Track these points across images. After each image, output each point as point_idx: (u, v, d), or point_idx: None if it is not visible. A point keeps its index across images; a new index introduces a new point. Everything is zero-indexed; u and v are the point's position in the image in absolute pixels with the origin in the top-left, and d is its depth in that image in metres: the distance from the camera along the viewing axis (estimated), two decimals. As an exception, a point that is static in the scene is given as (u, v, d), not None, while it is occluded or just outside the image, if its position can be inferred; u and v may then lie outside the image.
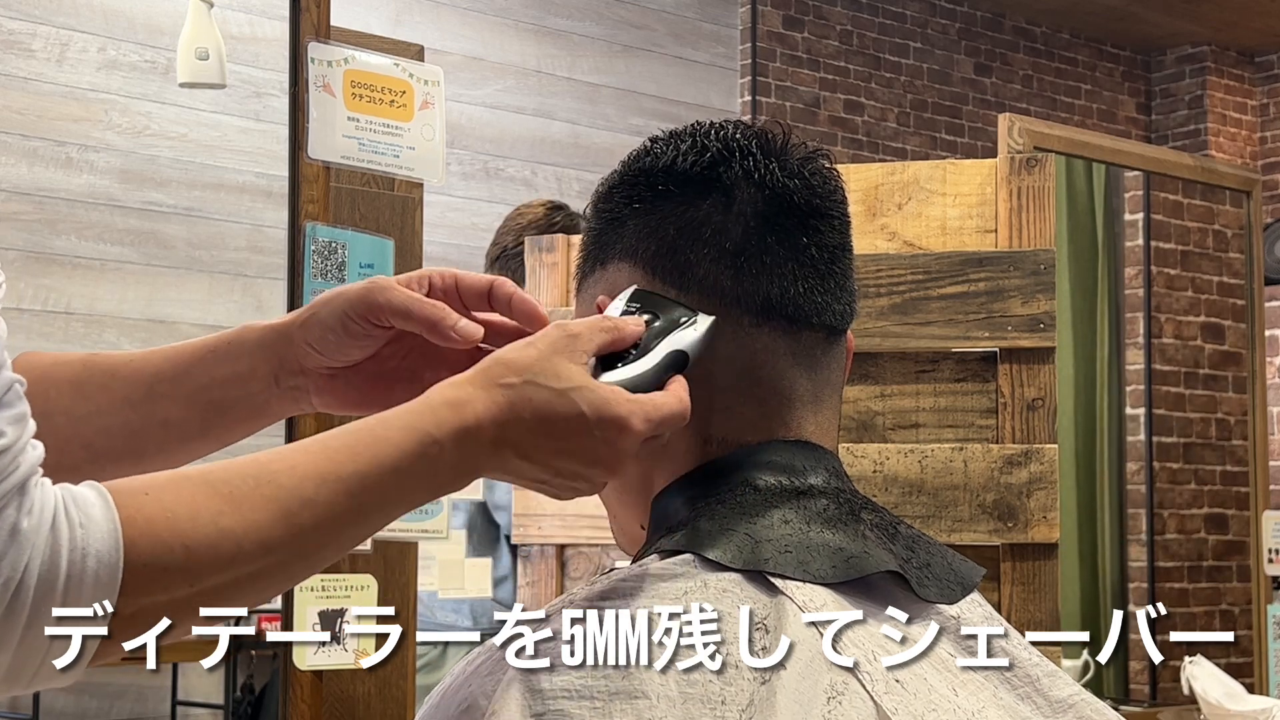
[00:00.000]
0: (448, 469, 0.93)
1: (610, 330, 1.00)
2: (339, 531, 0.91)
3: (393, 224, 2.09)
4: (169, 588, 0.85)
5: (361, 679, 2.01)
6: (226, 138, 4.81)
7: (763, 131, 1.09)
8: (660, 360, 1.01)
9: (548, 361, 0.96)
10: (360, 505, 0.91)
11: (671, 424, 0.99)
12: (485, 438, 0.94)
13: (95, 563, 0.82)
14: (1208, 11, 6.81)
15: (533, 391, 0.94)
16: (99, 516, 0.83)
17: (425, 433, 0.92)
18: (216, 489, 0.87)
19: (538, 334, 0.99)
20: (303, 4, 1.99)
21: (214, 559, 0.85)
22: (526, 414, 0.94)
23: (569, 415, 0.95)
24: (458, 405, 0.94)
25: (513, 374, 0.95)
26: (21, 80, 4.52)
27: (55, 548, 0.81)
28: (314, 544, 0.90)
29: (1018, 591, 1.92)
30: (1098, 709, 1.04)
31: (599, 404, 0.95)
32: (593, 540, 2.05)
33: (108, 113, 4.63)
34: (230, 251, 4.83)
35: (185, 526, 0.85)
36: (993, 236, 2.00)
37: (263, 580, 0.89)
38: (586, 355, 0.97)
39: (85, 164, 4.60)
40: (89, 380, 1.09)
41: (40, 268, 4.49)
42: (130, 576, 0.83)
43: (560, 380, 0.95)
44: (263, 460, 0.89)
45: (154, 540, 0.84)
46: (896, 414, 1.97)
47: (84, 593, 0.82)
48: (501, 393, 0.94)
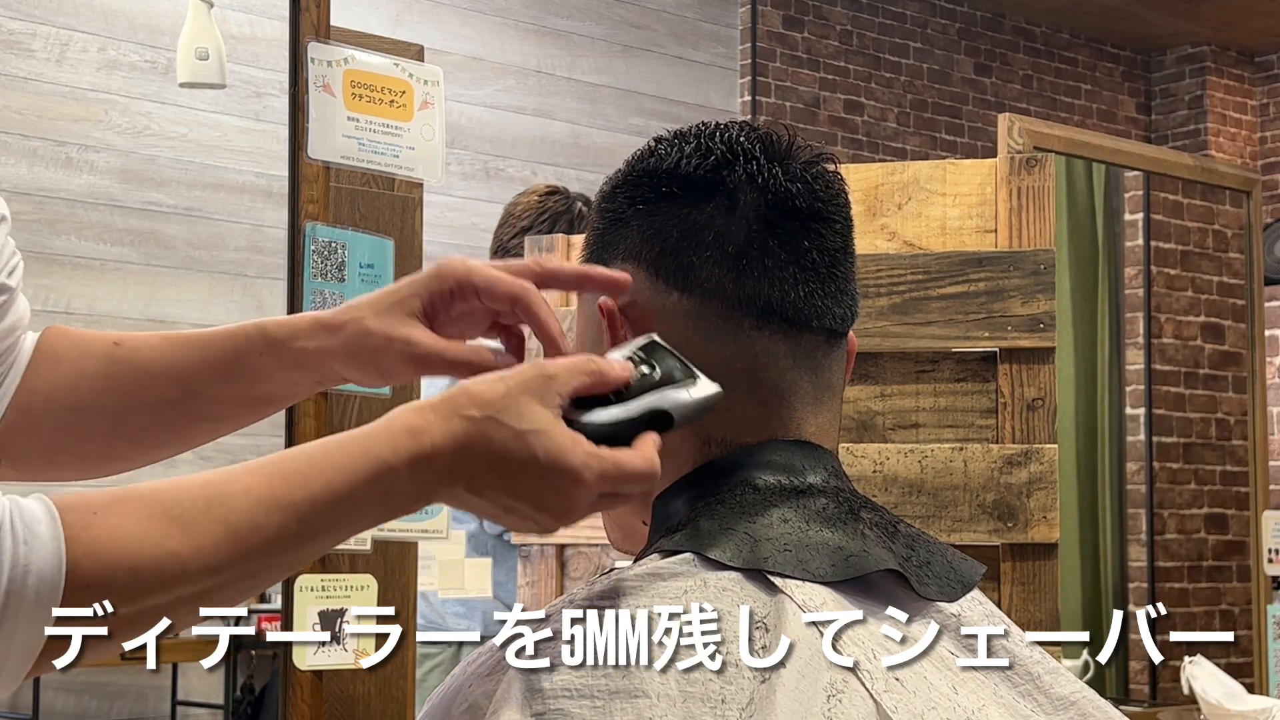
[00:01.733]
0: (401, 495, 0.93)
1: (592, 374, 0.97)
2: (287, 554, 0.91)
3: (393, 224, 2.09)
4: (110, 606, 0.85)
5: (361, 679, 2.01)
6: (226, 138, 4.81)
7: (768, 134, 1.09)
8: (638, 414, 0.97)
9: (514, 400, 0.94)
10: (310, 529, 0.91)
11: (633, 485, 0.96)
12: (440, 466, 0.93)
13: (36, 580, 0.82)
14: (1208, 11, 6.81)
15: (491, 428, 0.93)
16: (44, 535, 0.83)
17: (381, 459, 0.92)
18: (168, 510, 0.87)
19: (514, 369, 0.97)
20: (303, 4, 1.99)
21: (158, 581, 0.86)
22: (480, 450, 0.93)
23: (523, 458, 0.93)
24: (416, 433, 0.93)
25: (475, 407, 0.93)
26: (21, 80, 4.52)
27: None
28: (260, 566, 0.90)
29: (1018, 591, 1.92)
30: (1099, 706, 1.04)
31: (554, 451, 0.93)
32: (593, 540, 2.05)
33: (108, 113, 4.64)
34: (230, 251, 4.83)
35: (132, 548, 0.85)
36: (993, 236, 2.00)
37: (206, 599, 0.89)
38: (560, 398, 0.95)
39: (85, 164, 4.61)
40: (118, 374, 1.10)
41: (40, 268, 4.49)
42: (71, 595, 0.83)
43: (522, 421, 0.93)
44: (215, 482, 0.89)
45: (97, 561, 0.84)
46: (896, 414, 1.97)
47: (23, 609, 0.82)
48: (460, 424, 0.93)
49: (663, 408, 0.98)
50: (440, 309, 1.08)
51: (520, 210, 3.00)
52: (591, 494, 0.95)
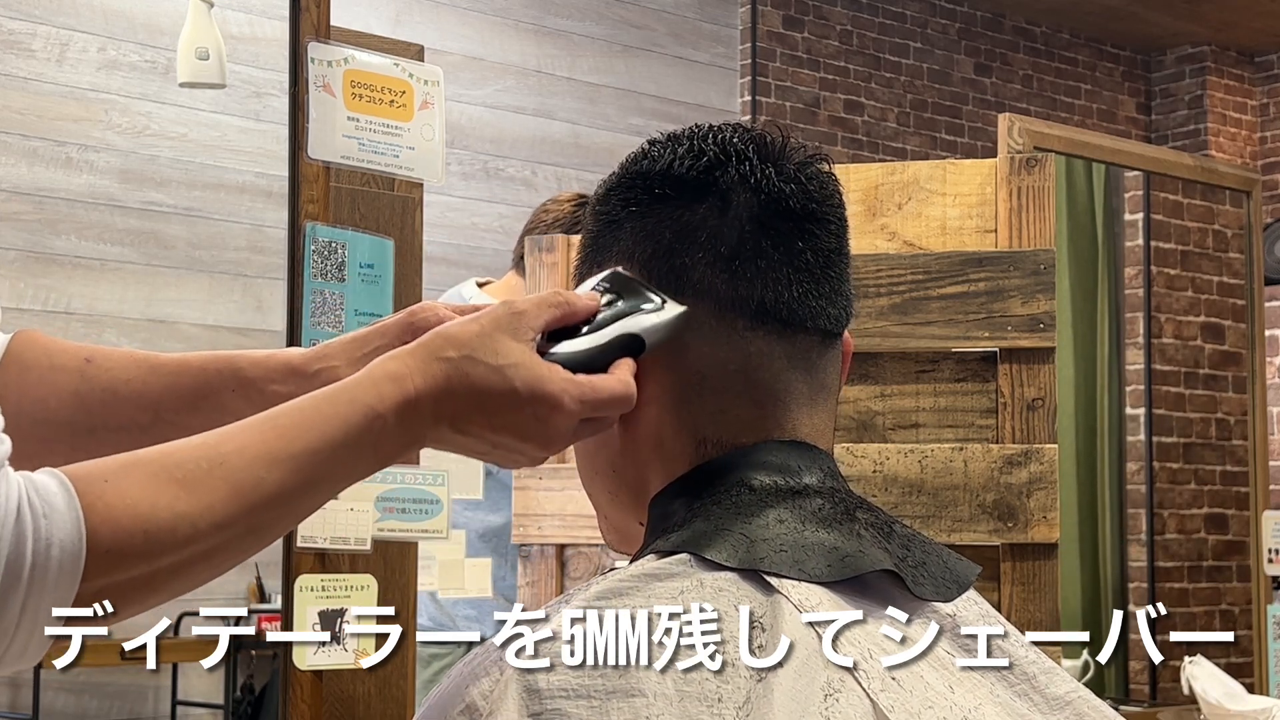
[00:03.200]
0: (391, 441, 0.96)
1: (559, 305, 1.01)
2: (289, 506, 0.94)
3: (393, 224, 2.09)
4: (128, 569, 0.87)
5: (361, 679, 2.01)
6: (226, 138, 4.81)
7: (760, 135, 1.09)
8: (609, 340, 1.01)
9: (488, 337, 0.98)
10: (310, 480, 0.94)
11: (611, 407, 1.00)
12: (424, 410, 0.96)
13: (59, 551, 0.84)
14: (1208, 11, 6.81)
15: (469, 366, 0.97)
16: (62, 506, 0.85)
17: (369, 406, 0.95)
18: (172, 474, 0.89)
19: (484, 310, 1.01)
20: (303, 4, 1.99)
21: (171, 541, 0.88)
22: (461, 389, 0.97)
23: (502, 391, 0.97)
24: (398, 378, 0.96)
25: (452, 348, 0.97)
26: (21, 80, 4.52)
27: (20, 538, 0.83)
28: (266, 520, 0.93)
29: (1018, 591, 1.92)
30: (1095, 706, 1.04)
31: (532, 381, 0.97)
32: (592, 540, 2.05)
33: (108, 113, 4.64)
34: (230, 251, 4.83)
35: (145, 512, 0.87)
36: (993, 236, 2.00)
37: (217, 556, 0.92)
38: (533, 332, 0.99)
39: (85, 164, 4.61)
40: (88, 393, 1.11)
41: (40, 268, 4.49)
42: (92, 562, 0.85)
43: (498, 357, 0.97)
44: (213, 442, 0.92)
45: (115, 528, 0.86)
46: (896, 414, 1.97)
47: (48, 581, 0.84)
48: (439, 366, 0.97)
49: (633, 331, 1.02)
50: None
51: (552, 219, 2.98)
52: (572, 419, 0.99)
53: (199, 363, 1.13)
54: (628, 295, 1.04)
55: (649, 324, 1.02)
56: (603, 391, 1.00)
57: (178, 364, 1.13)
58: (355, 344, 1.12)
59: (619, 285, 1.04)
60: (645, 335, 1.02)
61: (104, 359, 1.12)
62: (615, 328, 1.02)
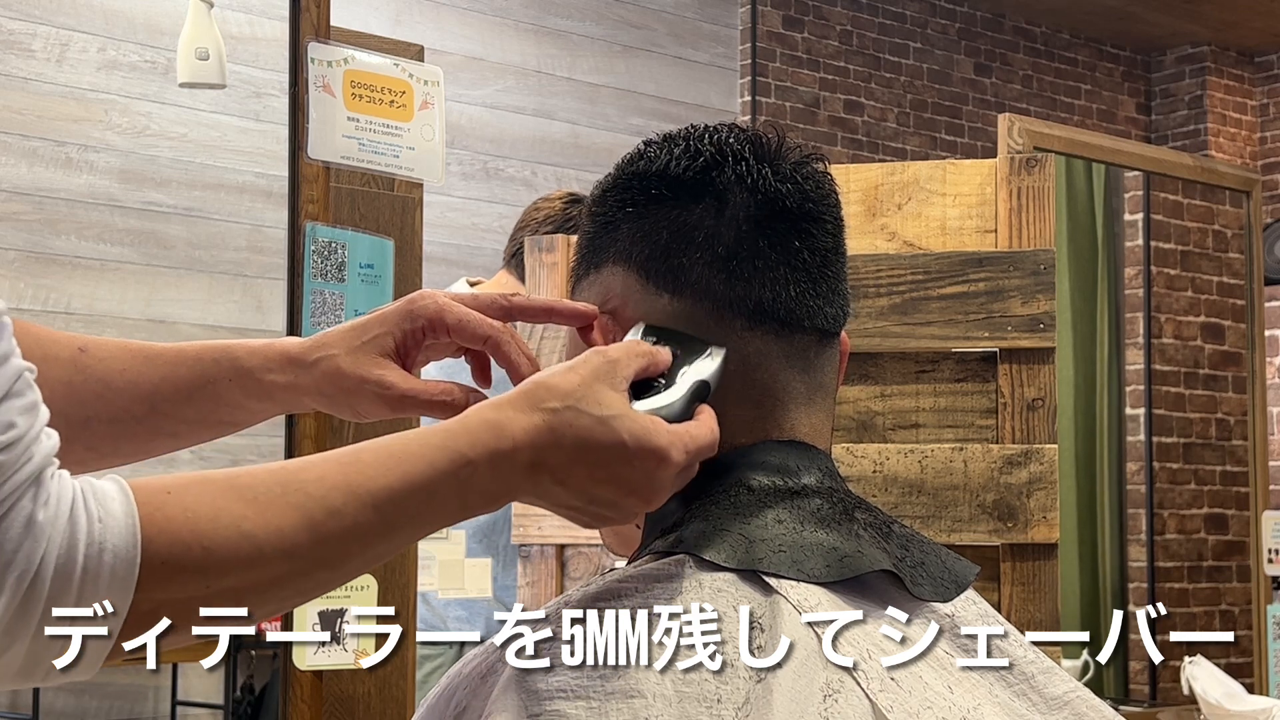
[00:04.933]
0: (479, 491, 0.93)
1: (645, 355, 1.00)
2: (364, 544, 0.90)
3: (393, 224, 2.09)
4: (185, 586, 0.84)
5: (361, 679, 2.01)
6: (226, 138, 4.81)
7: (756, 135, 1.09)
8: (688, 390, 1.01)
9: (589, 388, 0.95)
10: (387, 520, 0.90)
11: (704, 455, 0.99)
12: (521, 461, 0.93)
13: (112, 558, 0.82)
14: (1208, 11, 6.81)
15: (574, 417, 0.94)
16: (118, 512, 0.83)
17: (459, 453, 0.92)
18: (241, 493, 0.86)
19: (580, 358, 0.98)
20: (303, 4, 1.99)
21: (233, 560, 0.85)
22: (567, 440, 0.94)
23: (610, 444, 0.94)
24: (496, 427, 0.93)
25: (555, 398, 0.94)
26: (21, 80, 4.52)
27: (72, 541, 0.81)
28: (338, 554, 0.89)
29: (1018, 591, 1.92)
30: (1093, 705, 1.05)
31: (640, 434, 0.95)
32: (592, 540, 2.05)
33: (108, 113, 4.64)
34: (230, 251, 4.83)
35: (205, 527, 0.84)
36: (993, 236, 2.00)
37: (284, 587, 0.89)
38: (625, 382, 0.97)
39: (85, 164, 4.61)
40: (82, 384, 1.09)
41: (40, 268, 4.49)
42: (147, 573, 0.82)
43: (602, 407, 0.94)
44: (291, 468, 0.89)
45: (172, 539, 0.83)
46: (896, 414, 1.97)
47: (99, 587, 0.82)
48: (542, 417, 0.94)
49: (703, 378, 1.02)
50: (412, 346, 1.09)
51: (543, 216, 2.98)
52: (677, 470, 0.96)
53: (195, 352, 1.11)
54: (676, 343, 1.03)
55: (711, 369, 1.02)
56: (700, 440, 0.98)
57: (174, 354, 1.11)
58: (354, 333, 1.09)
59: (664, 336, 1.04)
60: (710, 381, 1.02)
61: (97, 349, 1.10)
62: (687, 376, 1.01)
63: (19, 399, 0.82)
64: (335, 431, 2.01)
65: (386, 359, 1.09)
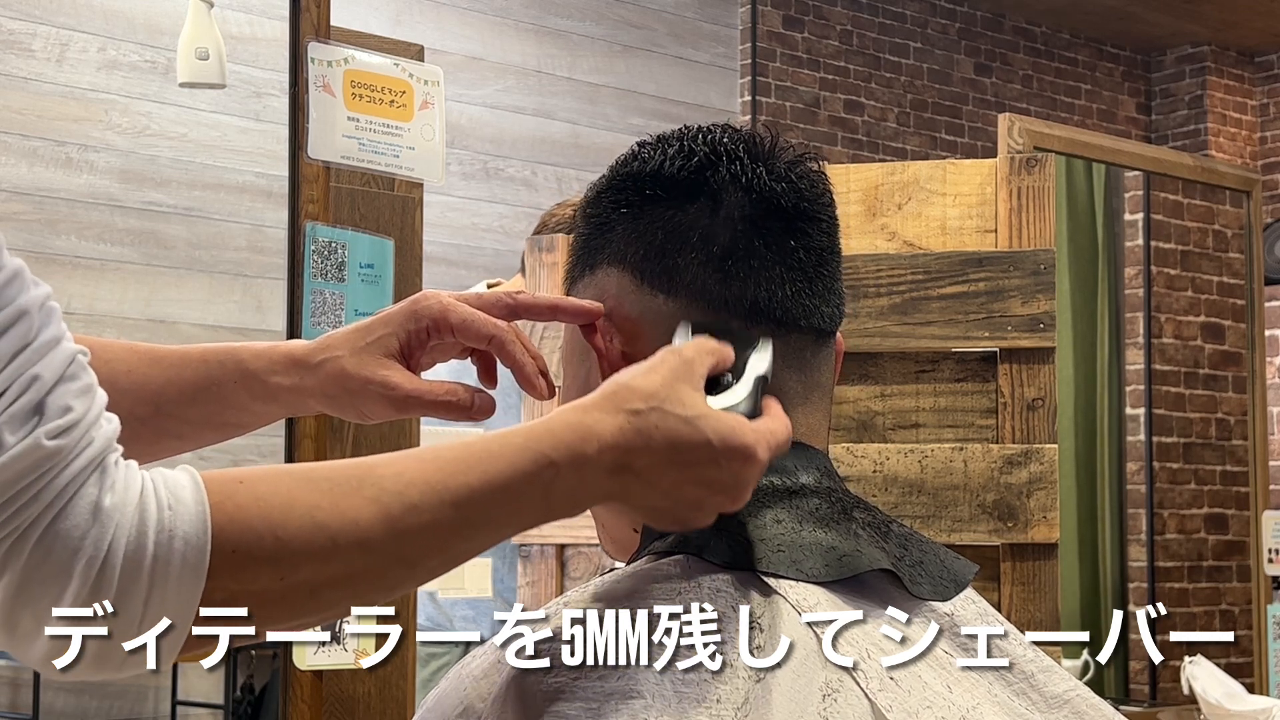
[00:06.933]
0: (561, 493, 0.92)
1: (714, 353, 0.99)
2: (443, 542, 0.89)
3: (393, 224, 2.09)
4: (258, 576, 0.83)
5: (361, 679, 2.01)
6: (226, 138, 4.81)
7: (751, 135, 1.09)
8: (753, 384, 1.00)
9: (672, 388, 0.94)
10: (466, 518, 0.89)
11: (782, 451, 0.98)
12: (606, 463, 0.92)
13: (182, 544, 0.81)
14: (1208, 11, 6.81)
15: (660, 419, 0.93)
16: (188, 499, 0.82)
17: (541, 454, 0.91)
18: (316, 484, 0.85)
19: (655, 359, 0.97)
20: (303, 4, 1.99)
21: (306, 552, 0.84)
22: (658, 440, 0.93)
23: (697, 444, 0.93)
24: (581, 429, 0.92)
25: (639, 399, 0.93)
26: (21, 80, 4.52)
27: (142, 528, 0.80)
28: (416, 551, 0.88)
29: (1018, 591, 1.92)
30: (1093, 704, 1.05)
31: (725, 432, 0.94)
32: (593, 540, 2.05)
33: (108, 113, 4.64)
34: (230, 251, 4.83)
35: (278, 516, 0.83)
36: (993, 236, 2.00)
37: (361, 582, 0.87)
38: (701, 380, 0.96)
39: (85, 164, 4.61)
40: None
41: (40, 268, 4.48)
42: (218, 561, 0.81)
43: (686, 408, 0.94)
44: (368, 463, 0.88)
45: (243, 527, 0.82)
46: (896, 414, 1.97)
47: (170, 575, 0.81)
48: (627, 419, 0.93)
49: (762, 373, 1.01)
50: (416, 347, 1.09)
51: (555, 222, 2.99)
52: (762, 469, 0.96)
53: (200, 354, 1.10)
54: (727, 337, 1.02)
55: (768, 361, 1.02)
56: (779, 436, 0.97)
57: (179, 356, 1.11)
58: (359, 334, 1.09)
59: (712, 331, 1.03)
60: (769, 374, 1.02)
61: (102, 350, 1.10)
62: (749, 371, 1.01)
63: (74, 382, 0.81)
64: (335, 432, 2.01)
65: (391, 360, 1.08)
